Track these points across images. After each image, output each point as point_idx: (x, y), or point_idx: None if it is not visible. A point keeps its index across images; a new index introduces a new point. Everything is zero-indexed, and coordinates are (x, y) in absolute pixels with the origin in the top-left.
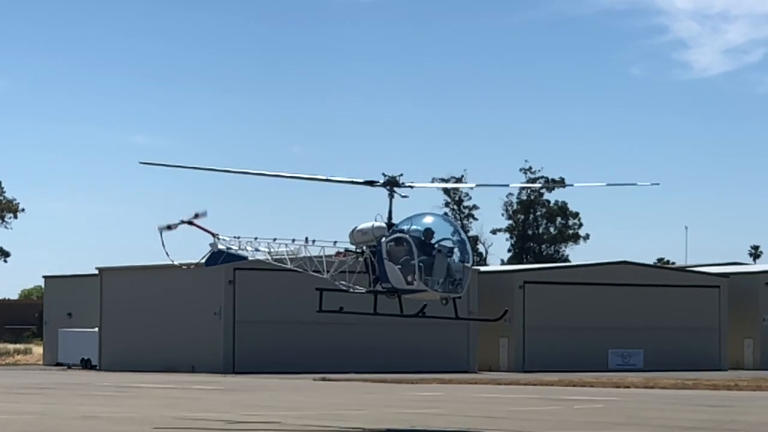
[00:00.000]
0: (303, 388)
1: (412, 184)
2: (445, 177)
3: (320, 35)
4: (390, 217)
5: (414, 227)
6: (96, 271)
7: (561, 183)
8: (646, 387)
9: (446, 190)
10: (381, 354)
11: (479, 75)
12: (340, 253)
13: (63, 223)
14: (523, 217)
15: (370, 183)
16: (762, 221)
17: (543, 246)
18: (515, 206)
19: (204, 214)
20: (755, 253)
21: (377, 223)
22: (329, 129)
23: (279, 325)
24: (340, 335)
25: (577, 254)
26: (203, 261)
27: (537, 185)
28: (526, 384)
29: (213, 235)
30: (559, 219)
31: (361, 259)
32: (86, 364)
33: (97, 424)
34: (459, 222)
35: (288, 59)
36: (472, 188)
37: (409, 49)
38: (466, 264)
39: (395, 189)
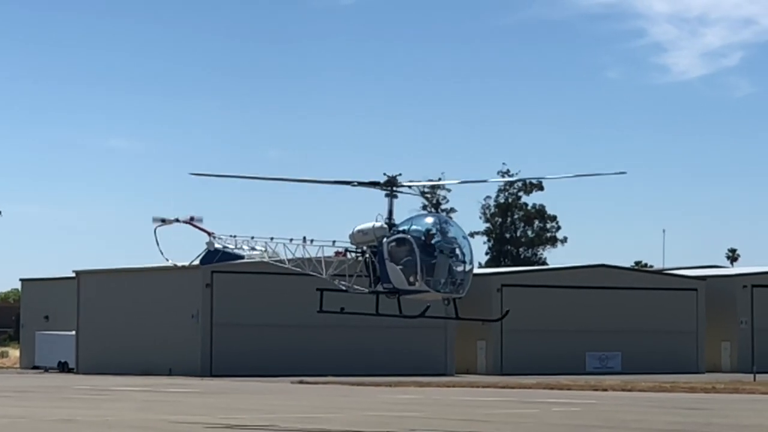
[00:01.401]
0: (280, 391)
1: (410, 184)
2: (423, 180)
3: (296, 38)
4: (390, 218)
5: (415, 228)
6: (73, 274)
7: (536, 185)
8: (623, 390)
9: (423, 194)
10: (359, 357)
11: (457, 78)
12: (340, 252)
13: (40, 226)
14: (500, 220)
15: (374, 184)
16: (739, 224)
17: (521, 249)
18: (493, 209)
19: (200, 220)
20: (733, 256)
21: (378, 224)
22: (305, 133)
23: (256, 328)
24: (317, 338)
25: (554, 257)
26: (198, 260)
27: (508, 179)
28: (503, 387)
29: (209, 233)
30: (537, 222)
31: (361, 259)
32: (63, 367)
33: (74, 428)
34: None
35: (264, 64)
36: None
37: (385, 53)
38: (467, 265)
39: (395, 189)
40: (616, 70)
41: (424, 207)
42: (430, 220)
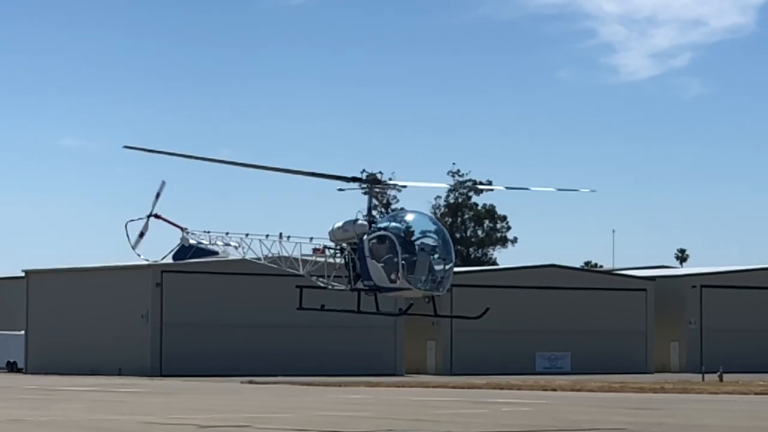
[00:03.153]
0: (230, 391)
1: (393, 183)
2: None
3: (246, 39)
4: (370, 215)
5: (396, 225)
6: (22, 274)
7: (488, 187)
8: (573, 390)
9: (373, 193)
10: (309, 357)
11: (407, 79)
12: (318, 249)
13: None
14: (450, 220)
15: (354, 180)
16: (689, 225)
17: (471, 249)
18: (443, 209)
19: (163, 185)
20: (682, 257)
21: (359, 221)
22: (258, 132)
23: (206, 328)
24: (268, 338)
25: (504, 257)
26: (171, 255)
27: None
28: (453, 387)
29: (181, 229)
30: (486, 222)
31: (340, 257)
32: (12, 367)
33: (23, 428)
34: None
35: (217, 62)
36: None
37: (335, 51)
38: (447, 262)
39: (375, 187)
40: (567, 70)
41: (375, 207)
42: (410, 217)
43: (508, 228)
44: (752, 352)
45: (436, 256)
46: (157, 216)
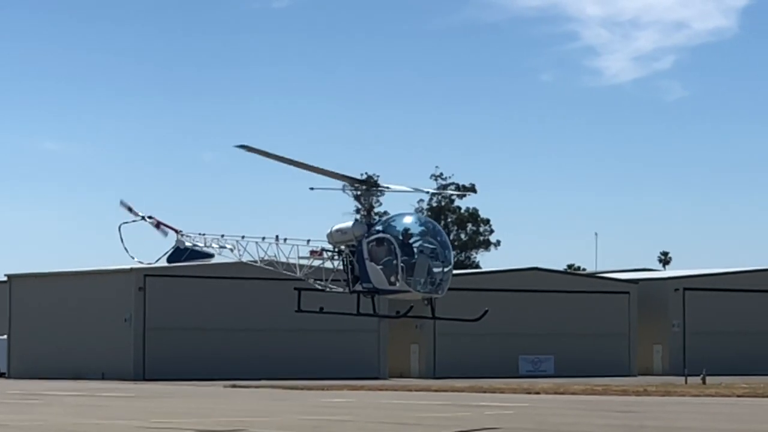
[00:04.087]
0: (213, 395)
1: (389, 186)
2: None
3: (230, 42)
4: (369, 217)
5: (395, 227)
6: (5, 278)
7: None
8: (556, 393)
9: (357, 197)
10: (291, 360)
11: (391, 81)
12: (315, 252)
13: None
14: None
15: (353, 182)
16: (671, 227)
17: (454, 252)
18: (426, 212)
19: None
20: (665, 260)
21: (357, 223)
22: (240, 136)
23: (190, 332)
24: (251, 342)
25: (488, 261)
26: (165, 257)
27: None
28: (436, 390)
29: (176, 231)
30: (469, 225)
31: (338, 258)
32: None
33: None
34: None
35: (200, 66)
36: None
37: (320, 56)
38: (446, 265)
39: (373, 189)
40: (550, 73)
41: (357, 210)
42: (409, 219)
43: (491, 231)
44: (735, 355)
45: (435, 258)
46: (151, 217)
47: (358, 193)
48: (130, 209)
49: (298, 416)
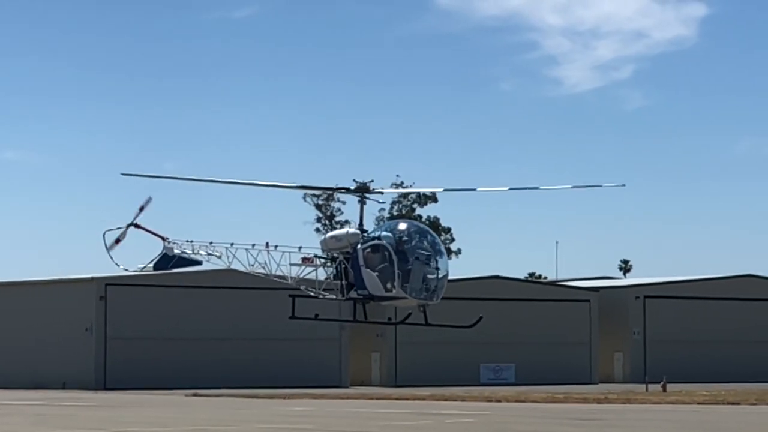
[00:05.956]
0: (175, 404)
1: (382, 191)
2: (317, 192)
3: (190, 50)
4: (361, 224)
5: (390, 234)
6: None
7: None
8: (517, 401)
9: (318, 206)
10: (252, 369)
11: (351, 90)
12: (308, 259)
13: None
14: None
15: (343, 190)
16: (632, 235)
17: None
18: (386, 221)
19: (149, 200)
20: (625, 267)
21: (351, 230)
22: (201, 144)
23: (151, 341)
24: (212, 351)
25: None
26: (151, 264)
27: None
28: (398, 399)
29: (162, 238)
30: None
31: (330, 265)
32: None
33: None
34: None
35: (160, 75)
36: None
37: (281, 64)
38: (441, 271)
39: (366, 195)
40: (510, 82)
41: (318, 219)
42: (403, 226)
43: (452, 240)
44: (696, 362)
45: (429, 265)
46: (137, 226)
47: (319, 202)
48: (117, 241)
49: (259, 425)
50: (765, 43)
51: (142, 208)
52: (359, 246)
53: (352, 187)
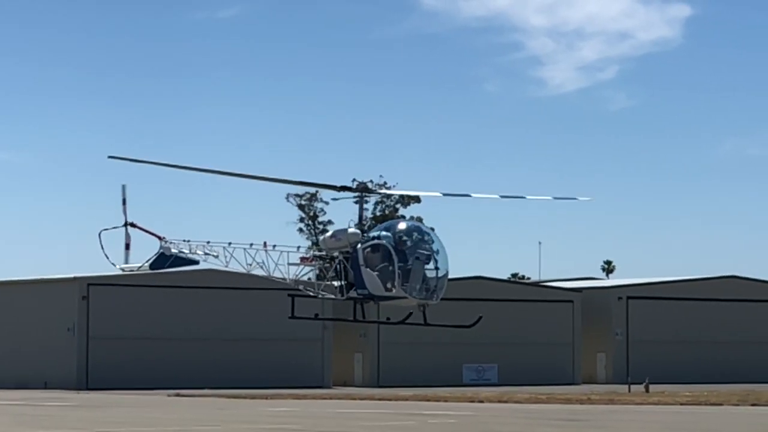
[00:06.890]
0: (157, 404)
1: (381, 191)
2: (300, 193)
3: (175, 50)
4: (361, 224)
5: (390, 234)
6: None
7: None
8: (500, 401)
9: (300, 206)
10: (236, 369)
11: (335, 91)
12: (306, 258)
13: None
14: None
15: (344, 188)
16: (615, 236)
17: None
18: (370, 222)
19: (124, 189)
20: (608, 268)
21: (351, 230)
22: (185, 144)
23: (133, 341)
24: (194, 351)
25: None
26: (148, 263)
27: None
28: (380, 399)
29: (159, 238)
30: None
31: (330, 265)
32: None
33: None
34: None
35: (146, 74)
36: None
37: (265, 65)
38: (441, 271)
39: (366, 195)
40: (494, 83)
41: (301, 219)
42: (403, 226)
43: None
44: (678, 363)
45: (430, 264)
46: (132, 224)
47: (302, 202)
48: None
49: (242, 425)
50: (749, 44)
51: (124, 201)
52: (359, 245)
53: (353, 186)
